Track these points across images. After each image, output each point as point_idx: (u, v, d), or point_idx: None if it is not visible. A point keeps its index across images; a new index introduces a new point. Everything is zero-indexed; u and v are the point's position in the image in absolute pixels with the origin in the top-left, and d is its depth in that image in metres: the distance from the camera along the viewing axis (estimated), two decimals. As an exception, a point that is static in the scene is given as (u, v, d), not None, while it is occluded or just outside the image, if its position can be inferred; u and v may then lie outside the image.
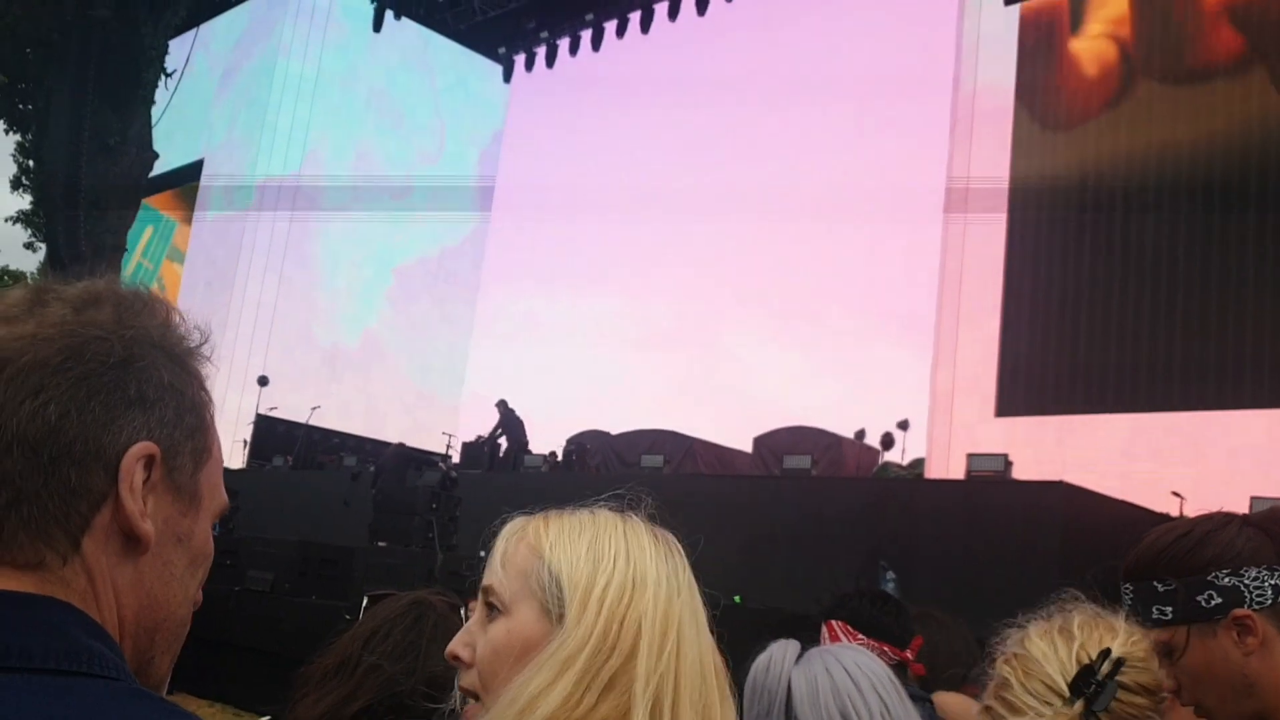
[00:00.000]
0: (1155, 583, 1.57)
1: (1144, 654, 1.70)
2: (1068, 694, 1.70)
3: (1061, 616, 1.83)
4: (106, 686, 0.83)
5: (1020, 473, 11.92)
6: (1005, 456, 11.75)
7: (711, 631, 1.33)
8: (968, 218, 16.28)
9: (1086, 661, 1.71)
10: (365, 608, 2.20)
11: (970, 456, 11.97)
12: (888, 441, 15.51)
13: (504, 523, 1.40)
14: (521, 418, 17.99)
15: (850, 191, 18.62)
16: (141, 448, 0.89)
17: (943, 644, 2.98)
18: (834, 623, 2.88)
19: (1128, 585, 1.64)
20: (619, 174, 24.13)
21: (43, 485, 0.86)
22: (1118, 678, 1.69)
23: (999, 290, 15.83)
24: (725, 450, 17.74)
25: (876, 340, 18.17)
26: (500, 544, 1.37)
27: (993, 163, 16.21)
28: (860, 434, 16.40)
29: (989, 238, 16.10)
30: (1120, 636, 1.75)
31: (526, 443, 17.54)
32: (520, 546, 1.33)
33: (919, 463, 15.53)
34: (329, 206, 24.09)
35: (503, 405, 18.25)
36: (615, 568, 1.27)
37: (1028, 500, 10.72)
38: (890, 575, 9.46)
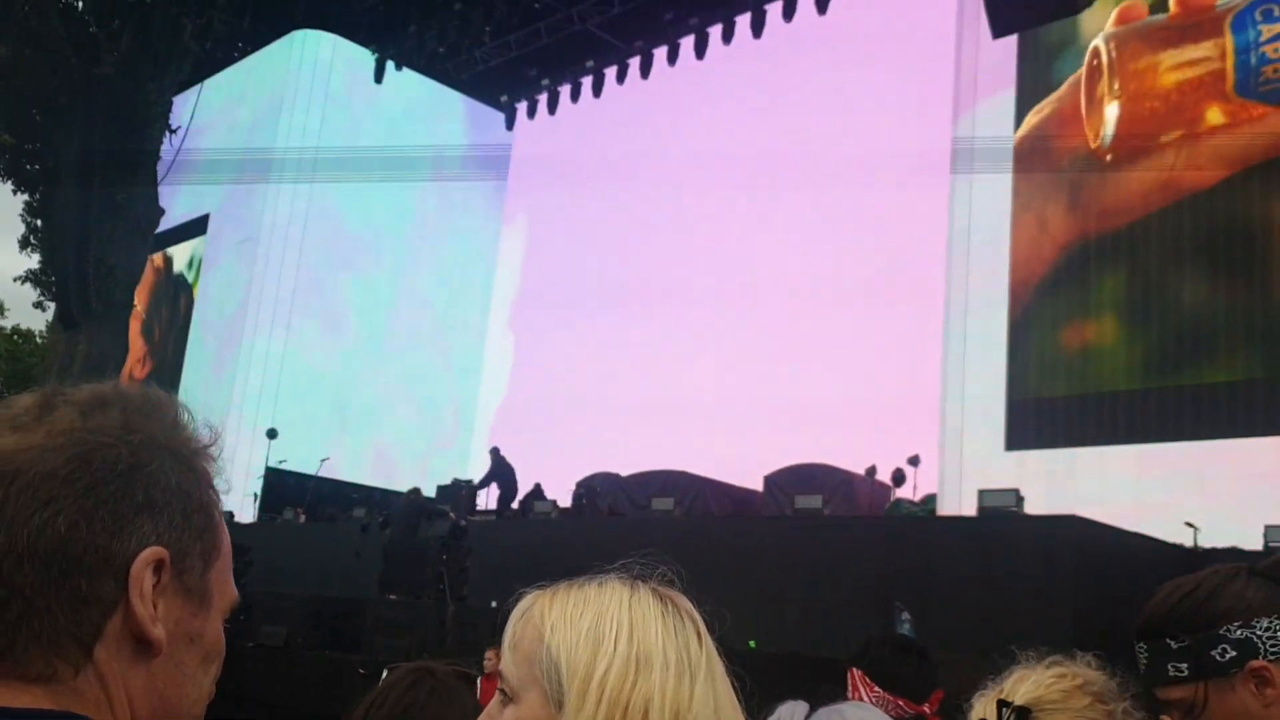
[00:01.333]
0: (1168, 640, 1.58)
1: (1059, 695, 1.71)
2: None
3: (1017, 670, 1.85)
4: None
5: (1032, 506, 11.87)
6: (1017, 491, 11.70)
7: (732, 683, 1.27)
8: (970, 250, 16.33)
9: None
10: (383, 679, 2.20)
11: (981, 492, 11.92)
12: (899, 478, 15.45)
13: (517, 600, 1.36)
14: (513, 464, 18.00)
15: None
16: (150, 553, 0.90)
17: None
18: (855, 671, 2.87)
19: (1141, 644, 1.65)
20: (621, 213, 24.25)
21: (54, 598, 0.86)
22: None
23: (1005, 324, 15.83)
24: (736, 489, 17.67)
25: (885, 375, 18.15)
26: (510, 627, 1.32)
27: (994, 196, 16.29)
28: (871, 470, 16.34)
29: (994, 270, 16.13)
30: (1032, 681, 1.76)
31: (515, 492, 17.52)
32: (527, 629, 1.29)
33: (932, 499, 15.47)
34: (336, 249, 24.24)
35: (494, 453, 18.26)
36: (617, 649, 1.21)
37: (1040, 535, 10.67)
38: (905, 616, 9.40)
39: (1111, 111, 15.41)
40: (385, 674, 2.10)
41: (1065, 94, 16.01)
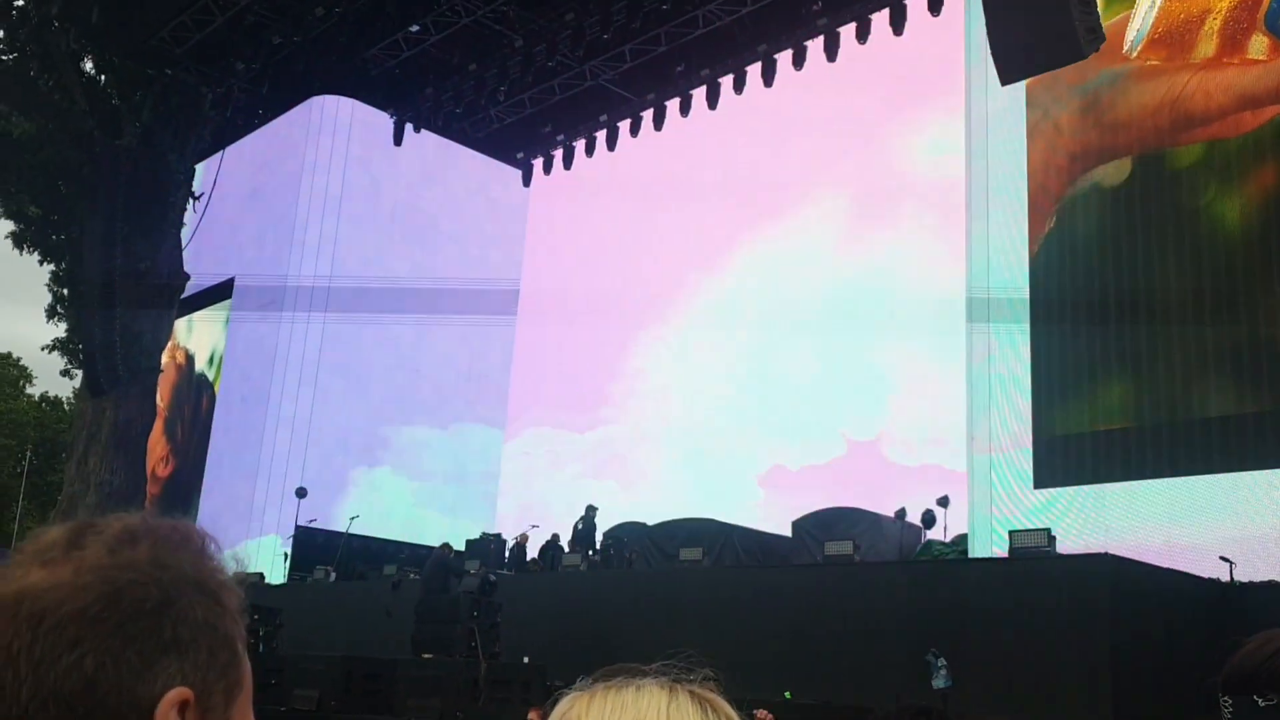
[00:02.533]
0: (1255, 697, 1.57)
1: None
2: None
3: None
4: None
5: (1064, 545, 11.79)
6: (1048, 530, 11.63)
7: None
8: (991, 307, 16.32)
9: None
10: None
11: (1013, 533, 11.86)
12: (929, 519, 15.38)
13: (554, 703, 1.38)
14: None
15: (867, 290, 18.80)
16: (175, 695, 0.89)
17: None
18: None
19: (1227, 699, 1.63)
20: (638, 266, 24.41)
21: None
22: None
23: (1028, 362, 15.79)
24: (764, 535, 17.60)
25: (911, 417, 18.12)
26: None
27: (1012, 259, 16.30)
28: (901, 513, 16.27)
29: (1015, 309, 16.11)
30: None
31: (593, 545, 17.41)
32: None
33: (963, 539, 15.37)
34: (359, 309, 24.43)
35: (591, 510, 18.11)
36: None
37: (1074, 574, 10.59)
38: (941, 663, 9.32)
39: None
40: None
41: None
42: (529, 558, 17.63)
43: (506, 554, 17.91)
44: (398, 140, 24.27)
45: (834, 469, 17.91)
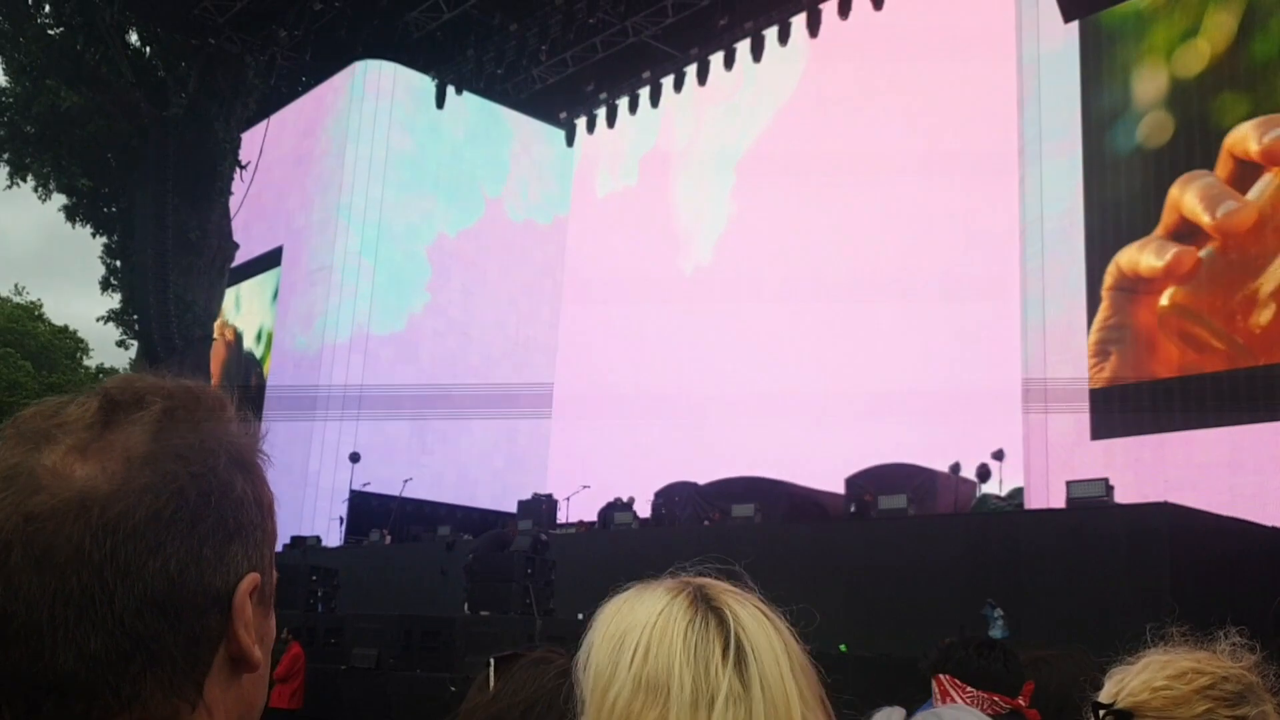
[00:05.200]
0: None
1: (1166, 702, 1.55)
2: None
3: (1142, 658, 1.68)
4: None
5: (1122, 496, 11.60)
6: (1106, 481, 11.45)
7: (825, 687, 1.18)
8: (1045, 244, 16.06)
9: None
10: (494, 669, 2.17)
11: (1070, 484, 11.68)
12: (984, 473, 15.21)
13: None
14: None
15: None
16: (249, 582, 0.89)
17: (1052, 685, 2.90)
18: (943, 677, 2.84)
19: None
20: (687, 229, 24.27)
21: (172, 642, 0.85)
22: None
23: (1084, 311, 15.54)
24: (817, 493, 17.50)
25: (966, 369, 17.91)
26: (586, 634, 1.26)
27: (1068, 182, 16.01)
28: (955, 467, 16.10)
29: (1070, 256, 15.85)
30: (1141, 680, 1.60)
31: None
32: (588, 639, 1.22)
33: (1018, 492, 15.20)
34: (405, 275, 24.54)
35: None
36: (630, 670, 1.13)
37: (1133, 524, 10.42)
38: (998, 613, 9.24)
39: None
40: (493, 664, 2.06)
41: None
42: (580, 519, 17.70)
43: (558, 515, 18.01)
44: (440, 103, 24.24)
45: (888, 426, 17.75)
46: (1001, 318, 16.79)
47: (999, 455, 15.22)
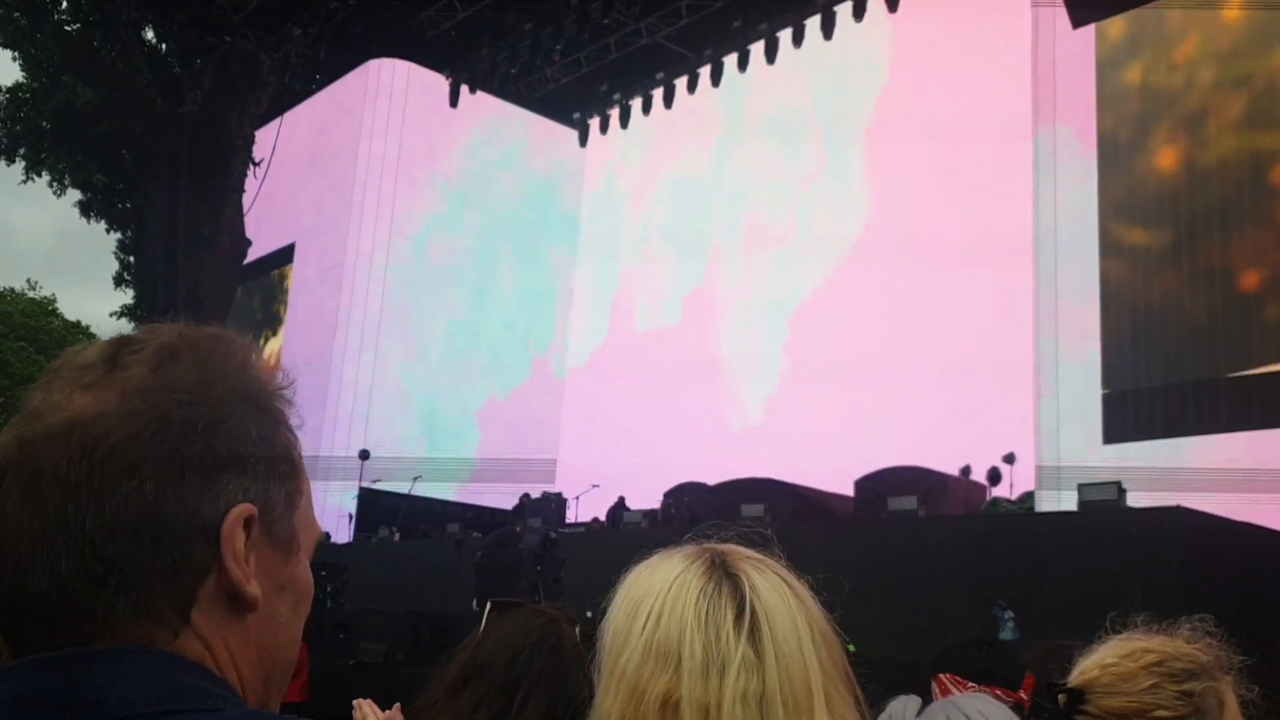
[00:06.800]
0: None
1: (1114, 678, 1.61)
2: None
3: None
4: (211, 718, 0.82)
5: (1135, 500, 11.54)
6: (1118, 484, 11.39)
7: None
8: (1058, 248, 16.00)
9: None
10: (489, 615, 2.19)
11: (1081, 486, 11.63)
12: (995, 477, 15.15)
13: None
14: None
15: (939, 235, 18.50)
16: (240, 511, 0.88)
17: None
18: (943, 677, 2.87)
19: None
20: (700, 231, 24.25)
21: (148, 567, 0.84)
22: (1084, 706, 1.61)
23: (1097, 314, 15.47)
24: (826, 495, 17.46)
25: (975, 375, 17.85)
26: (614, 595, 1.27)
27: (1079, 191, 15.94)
28: (966, 470, 16.04)
29: (1084, 259, 15.79)
30: (1094, 660, 1.67)
31: None
32: (611, 601, 1.23)
33: (1029, 496, 15.14)
34: (418, 273, 24.57)
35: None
36: (642, 636, 1.12)
37: (1146, 528, 10.36)
38: (1008, 615, 9.19)
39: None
40: (489, 608, 2.08)
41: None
42: (591, 517, 17.70)
43: (566, 513, 18.02)
44: (453, 102, 24.26)
45: (898, 427, 17.71)
46: (1014, 319, 16.72)
47: (1010, 459, 15.17)
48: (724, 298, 23.57)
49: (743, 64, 21.68)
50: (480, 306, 25.66)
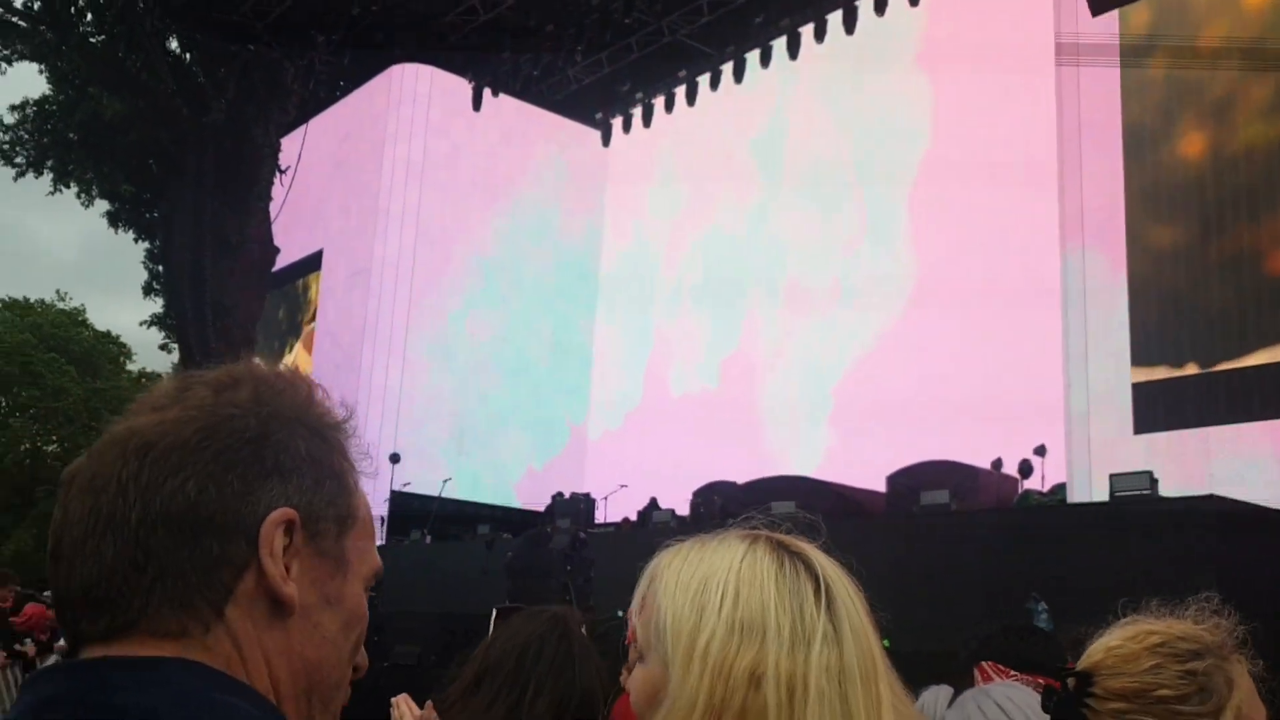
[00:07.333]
0: None
1: (1118, 660, 1.65)
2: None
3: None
4: None
5: (1167, 489, 11.47)
6: (1150, 473, 11.32)
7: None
8: (1086, 238, 15.91)
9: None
10: (496, 620, 2.23)
11: (1113, 477, 11.56)
12: (1026, 469, 15.07)
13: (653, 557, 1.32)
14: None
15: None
16: (280, 514, 0.92)
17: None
18: (985, 664, 2.88)
19: None
20: (724, 225, 24.24)
21: (186, 560, 0.89)
22: (1091, 689, 1.65)
23: (1125, 304, 15.37)
24: (857, 490, 17.42)
25: (1004, 369, 17.78)
26: (640, 585, 1.30)
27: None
28: (997, 463, 15.96)
29: (1111, 249, 15.69)
30: (1100, 643, 1.72)
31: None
32: (651, 589, 1.26)
33: (1061, 488, 15.05)
34: (444, 279, 24.65)
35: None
36: (720, 615, 1.14)
37: (1178, 517, 10.29)
38: (1042, 607, 9.16)
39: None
40: (495, 615, 2.13)
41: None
42: (625, 517, 17.73)
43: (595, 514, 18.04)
44: (476, 105, 24.33)
45: (928, 426, 17.65)
46: (1042, 312, 16.63)
47: (1041, 451, 15.09)
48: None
49: (765, 60, 21.63)
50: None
